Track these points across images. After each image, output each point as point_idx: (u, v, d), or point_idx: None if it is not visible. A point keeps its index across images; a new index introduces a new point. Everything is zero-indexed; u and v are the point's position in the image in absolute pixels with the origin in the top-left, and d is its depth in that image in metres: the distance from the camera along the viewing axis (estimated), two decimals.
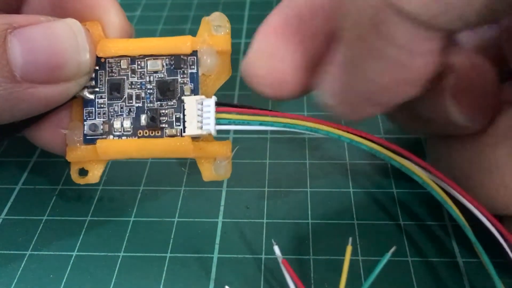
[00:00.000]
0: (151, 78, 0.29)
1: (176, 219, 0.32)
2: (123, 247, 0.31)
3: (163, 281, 0.29)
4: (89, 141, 0.29)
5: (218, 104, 0.28)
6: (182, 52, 0.28)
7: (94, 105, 0.29)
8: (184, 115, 0.28)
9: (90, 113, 0.29)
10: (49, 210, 0.33)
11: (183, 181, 0.35)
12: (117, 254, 0.30)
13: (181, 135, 0.28)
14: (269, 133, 0.38)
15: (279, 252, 0.26)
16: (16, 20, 0.26)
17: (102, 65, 0.29)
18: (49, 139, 0.30)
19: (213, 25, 0.28)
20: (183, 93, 0.28)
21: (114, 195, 0.34)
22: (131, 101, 0.29)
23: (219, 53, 0.28)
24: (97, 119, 0.29)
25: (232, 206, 0.33)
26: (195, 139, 0.28)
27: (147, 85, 0.29)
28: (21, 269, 0.30)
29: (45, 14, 0.27)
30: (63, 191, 0.34)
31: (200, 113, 0.28)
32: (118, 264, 0.30)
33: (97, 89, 0.29)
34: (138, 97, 0.29)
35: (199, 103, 0.28)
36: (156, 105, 0.29)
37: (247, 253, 0.30)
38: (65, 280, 0.29)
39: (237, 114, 0.28)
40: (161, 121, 0.28)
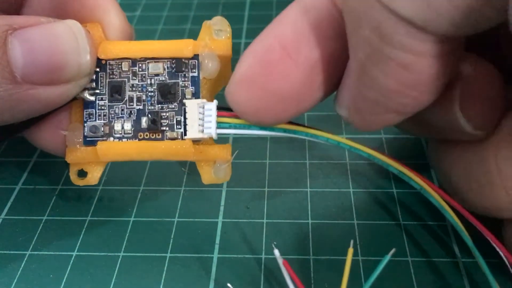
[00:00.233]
0: (152, 80, 0.29)
1: (176, 219, 0.32)
2: (123, 247, 0.31)
3: (163, 281, 0.29)
4: (89, 142, 0.29)
5: (219, 108, 0.28)
6: (183, 55, 0.28)
7: (94, 107, 0.29)
8: (185, 118, 0.28)
9: (90, 115, 0.29)
10: (49, 210, 0.33)
11: (183, 181, 0.35)
12: (117, 254, 0.30)
13: (182, 138, 0.28)
14: None
15: (278, 253, 0.26)
16: (16, 21, 0.26)
17: (103, 67, 0.29)
18: (49, 140, 0.30)
19: (214, 29, 0.28)
20: (184, 96, 0.28)
21: (114, 195, 0.34)
22: (132, 104, 0.29)
23: (220, 57, 0.28)
24: (98, 121, 0.29)
25: (232, 206, 0.33)
26: (195, 142, 0.28)
27: (148, 88, 0.29)
28: (21, 269, 0.30)
29: (45, 15, 0.27)
30: (63, 191, 0.34)
31: (201, 117, 0.28)
32: (118, 264, 0.30)
33: (98, 91, 0.29)
34: (139, 99, 0.29)
35: (200, 107, 0.28)
36: (157, 107, 0.29)
37: (247, 253, 0.30)
38: (65, 280, 0.29)
39: (238, 118, 0.28)
40: (162, 124, 0.28)
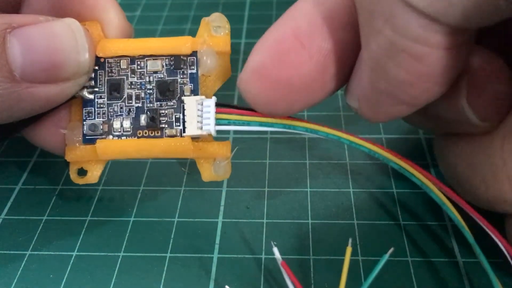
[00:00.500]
0: (151, 78, 0.29)
1: (176, 219, 0.32)
2: (123, 247, 0.31)
3: (163, 281, 0.29)
4: (89, 141, 0.29)
5: (218, 104, 0.28)
6: (182, 52, 0.28)
7: (93, 105, 0.29)
8: (184, 115, 0.28)
9: (89, 113, 0.29)
10: (49, 210, 0.33)
11: (183, 181, 0.35)
12: (117, 254, 0.30)
13: (181, 135, 0.28)
14: (269, 133, 0.38)
15: (278, 254, 0.26)
16: (15, 19, 0.26)
17: (101, 65, 0.29)
18: (48, 139, 0.30)
19: (213, 26, 0.28)
20: (183, 94, 0.28)
21: (114, 195, 0.34)
22: (130, 101, 0.29)
23: (219, 54, 0.28)
24: (97, 119, 0.29)
25: (232, 206, 0.33)
26: (194, 139, 0.28)
27: (147, 85, 0.29)
28: (21, 269, 0.30)
29: (44, 14, 0.27)
30: (63, 191, 0.34)
31: (200, 114, 0.28)
32: (118, 264, 0.30)
33: (97, 89, 0.29)
34: (137, 97, 0.29)
35: (199, 104, 0.28)
36: (155, 105, 0.29)
37: (247, 253, 0.30)
38: (65, 280, 0.29)
39: (237, 114, 0.28)
40: (160, 121, 0.28)
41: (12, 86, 0.25)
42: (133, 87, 0.29)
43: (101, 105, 0.29)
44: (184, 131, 0.28)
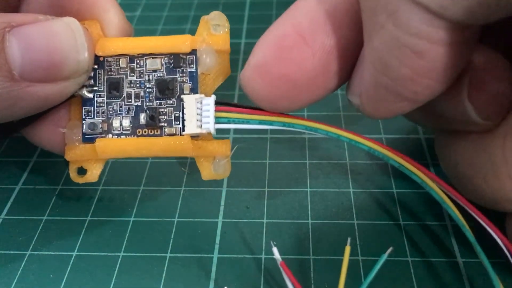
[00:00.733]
0: (150, 77, 0.29)
1: (176, 219, 0.32)
2: (123, 247, 0.31)
3: (163, 281, 0.29)
4: (88, 140, 0.29)
5: (217, 103, 0.28)
6: (181, 51, 0.28)
7: (93, 104, 0.29)
8: (183, 114, 0.28)
9: (89, 112, 0.29)
10: (49, 210, 0.33)
11: (183, 181, 0.35)
12: (117, 254, 0.30)
13: (181, 133, 0.28)
14: (269, 133, 0.38)
15: (277, 254, 0.26)
16: (14, 19, 0.26)
17: (101, 64, 0.29)
18: (47, 138, 0.30)
19: (212, 24, 0.28)
20: (182, 92, 0.28)
21: (114, 195, 0.34)
22: (130, 100, 0.29)
23: (218, 52, 0.28)
24: (96, 118, 0.29)
25: (232, 206, 0.33)
26: (194, 137, 0.28)
27: (146, 84, 0.29)
28: (21, 269, 0.30)
29: (43, 13, 0.27)
30: (63, 191, 0.34)
31: (199, 112, 0.28)
32: (118, 264, 0.30)
33: (96, 88, 0.29)
34: (137, 96, 0.29)
35: (198, 102, 0.28)
36: (155, 104, 0.29)
37: (247, 253, 0.30)
38: (65, 280, 0.29)
39: (236, 113, 0.27)
40: (160, 120, 0.28)
41: (11, 85, 0.25)
42: (132, 85, 0.29)
43: (101, 104, 0.29)
44: (183, 130, 0.28)
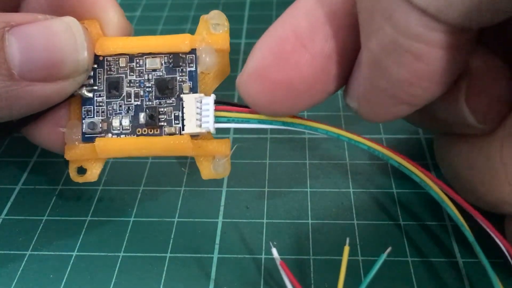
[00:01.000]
0: (150, 76, 0.29)
1: (176, 219, 0.32)
2: (123, 247, 0.31)
3: (163, 281, 0.29)
4: (88, 139, 0.29)
5: (217, 102, 0.28)
6: (180, 50, 0.28)
7: (92, 104, 0.29)
8: (183, 113, 0.28)
9: (88, 112, 0.29)
10: (49, 210, 0.33)
11: (183, 181, 0.35)
12: (117, 254, 0.30)
13: (180, 133, 0.28)
14: (269, 133, 0.38)
15: (277, 254, 0.26)
16: (14, 18, 0.26)
17: (100, 63, 0.29)
18: (47, 137, 0.30)
19: (212, 23, 0.28)
20: (181, 91, 0.28)
21: (114, 195, 0.34)
22: (129, 100, 0.29)
23: (218, 51, 0.28)
24: (96, 118, 0.29)
25: (232, 206, 0.33)
26: (194, 137, 0.28)
27: (146, 83, 0.29)
28: (21, 269, 0.30)
29: (43, 12, 0.27)
30: (63, 191, 0.34)
31: (199, 111, 0.28)
32: (118, 264, 0.30)
33: (96, 88, 0.29)
34: (136, 95, 0.29)
35: (198, 101, 0.28)
36: (154, 103, 0.29)
37: (247, 253, 0.30)
38: (65, 280, 0.29)
39: (236, 112, 0.27)
40: (160, 119, 0.28)
41: (10, 84, 0.25)
42: (132, 85, 0.29)
43: (100, 104, 0.29)
44: (183, 129, 0.28)
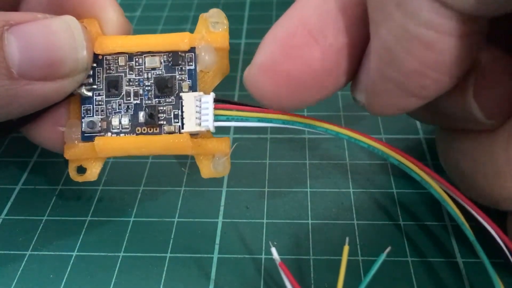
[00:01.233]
0: (149, 75, 0.29)
1: (176, 219, 0.32)
2: (123, 247, 0.31)
3: (163, 281, 0.29)
4: (87, 138, 0.29)
5: (216, 100, 0.28)
6: (180, 48, 0.28)
7: (91, 102, 0.29)
8: (182, 111, 0.28)
9: (87, 111, 0.29)
10: (49, 210, 0.33)
11: (183, 181, 0.35)
12: (117, 254, 0.30)
13: (180, 131, 0.28)
14: (269, 133, 0.38)
15: (276, 254, 0.26)
16: (13, 17, 0.26)
17: (99, 62, 0.29)
18: (47, 136, 0.30)
19: (211, 22, 0.28)
20: (181, 90, 0.28)
21: (114, 195, 0.34)
22: (129, 98, 0.29)
23: (217, 50, 0.28)
24: (95, 117, 0.29)
25: (232, 206, 0.33)
26: (193, 135, 0.28)
27: (145, 82, 0.29)
28: (21, 269, 0.30)
29: (42, 11, 0.27)
30: (63, 191, 0.34)
31: (198, 110, 0.28)
32: (118, 264, 0.30)
33: (95, 86, 0.29)
34: (136, 94, 0.29)
35: (197, 100, 0.28)
36: (154, 102, 0.29)
37: (247, 253, 0.30)
38: (65, 280, 0.29)
39: (236, 110, 0.27)
40: (159, 118, 0.28)
41: (10, 83, 0.25)
42: (131, 84, 0.29)
43: (100, 102, 0.29)
44: (182, 128, 0.28)
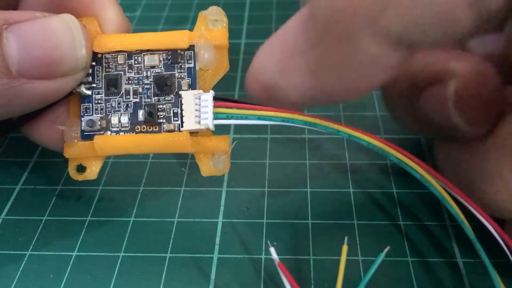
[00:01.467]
0: (148, 73, 0.29)
1: (176, 219, 0.32)
2: (123, 247, 0.31)
3: (163, 281, 0.29)
4: (87, 137, 0.29)
5: (216, 98, 0.28)
6: (179, 46, 0.28)
7: (91, 101, 0.29)
8: (181, 110, 0.28)
9: (87, 109, 0.29)
10: (49, 210, 0.33)
11: (183, 181, 0.35)
12: (117, 254, 0.30)
13: (179, 130, 0.28)
14: (269, 133, 0.38)
15: (275, 254, 0.26)
16: (12, 16, 0.26)
17: (99, 60, 0.29)
18: (46, 135, 0.30)
19: (210, 20, 0.28)
20: (180, 88, 0.28)
21: (114, 195, 0.34)
22: (128, 97, 0.29)
23: (217, 48, 0.28)
24: (95, 115, 0.29)
25: (232, 206, 0.33)
26: (193, 134, 0.28)
27: (145, 80, 0.29)
28: (21, 269, 0.30)
29: (41, 10, 0.28)
30: (63, 191, 0.34)
31: (198, 108, 0.28)
32: (118, 264, 0.30)
33: (94, 85, 0.29)
34: (135, 92, 0.29)
35: (196, 98, 0.28)
36: (153, 100, 0.29)
37: (247, 253, 0.30)
38: (65, 280, 0.29)
39: (235, 108, 0.27)
40: (158, 116, 0.28)
41: (9, 82, 0.25)
42: (130, 82, 0.29)
43: (99, 101, 0.29)
44: (182, 126, 0.28)
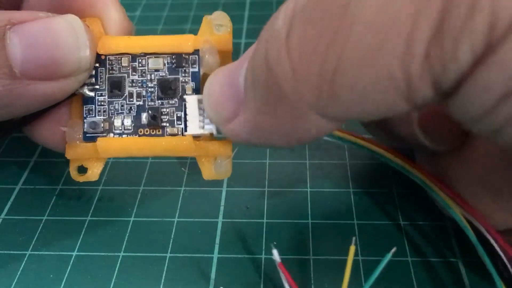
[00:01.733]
0: (152, 76, 0.28)
1: (176, 219, 0.32)
2: (123, 247, 0.31)
3: (163, 281, 0.29)
4: (89, 138, 0.29)
5: None
6: (183, 50, 0.28)
7: (94, 103, 0.29)
8: (185, 114, 0.28)
9: (90, 111, 0.29)
10: (49, 210, 0.33)
11: (183, 181, 0.35)
12: (117, 254, 0.30)
13: (183, 134, 0.28)
14: None
15: (277, 255, 0.26)
16: (15, 16, 0.26)
17: (102, 62, 0.29)
18: (48, 136, 0.29)
19: (215, 24, 0.28)
20: (184, 92, 0.28)
21: (114, 195, 0.34)
22: (131, 99, 0.29)
23: (221, 52, 0.28)
24: (97, 117, 0.29)
25: (232, 206, 0.33)
26: (196, 138, 0.28)
27: (148, 84, 0.29)
28: (21, 269, 0.30)
29: (45, 10, 0.27)
30: (63, 191, 0.34)
31: (201, 113, 0.28)
32: (118, 264, 0.30)
33: (97, 87, 0.29)
34: (139, 95, 0.29)
35: (200, 103, 0.28)
36: (157, 103, 0.28)
37: (247, 253, 0.30)
38: (65, 280, 0.29)
39: None
40: (162, 120, 0.28)
41: (12, 83, 0.25)
42: (134, 85, 0.29)
43: (102, 103, 0.29)
44: (185, 130, 0.28)
